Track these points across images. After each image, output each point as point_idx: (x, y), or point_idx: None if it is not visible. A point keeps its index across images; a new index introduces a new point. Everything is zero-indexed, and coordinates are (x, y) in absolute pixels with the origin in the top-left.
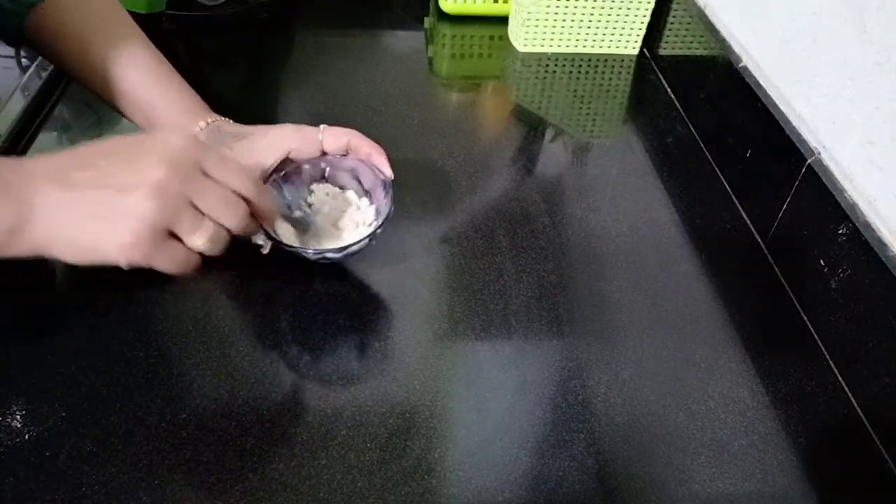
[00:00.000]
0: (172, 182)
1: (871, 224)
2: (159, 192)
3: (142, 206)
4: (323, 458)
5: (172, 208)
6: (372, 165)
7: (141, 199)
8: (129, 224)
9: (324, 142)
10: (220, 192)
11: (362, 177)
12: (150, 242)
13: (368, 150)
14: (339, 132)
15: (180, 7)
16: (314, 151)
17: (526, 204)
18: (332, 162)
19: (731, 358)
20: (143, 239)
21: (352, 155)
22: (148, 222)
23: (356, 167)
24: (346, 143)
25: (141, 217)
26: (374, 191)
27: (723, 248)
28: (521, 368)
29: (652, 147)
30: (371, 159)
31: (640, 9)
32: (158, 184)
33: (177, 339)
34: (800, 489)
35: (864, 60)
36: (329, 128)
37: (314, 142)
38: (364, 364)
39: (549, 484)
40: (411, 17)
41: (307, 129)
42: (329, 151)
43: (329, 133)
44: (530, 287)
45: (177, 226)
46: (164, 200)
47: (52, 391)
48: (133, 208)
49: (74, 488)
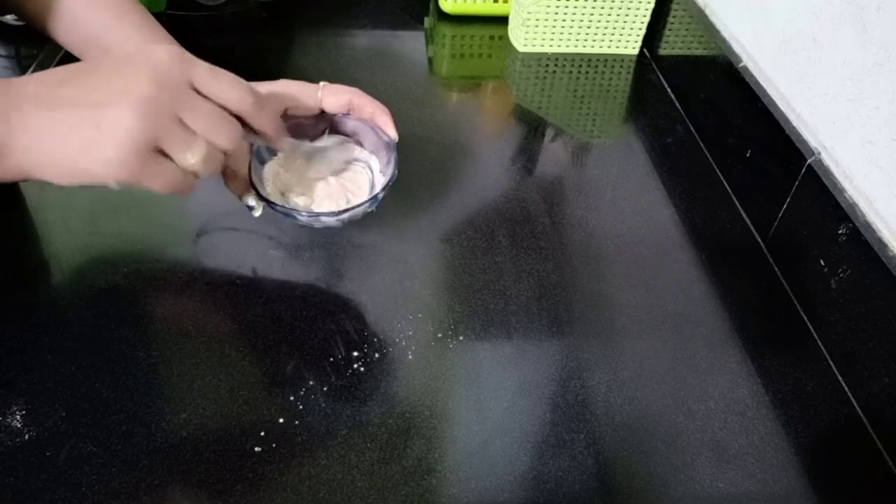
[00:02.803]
0: (158, 96)
1: (871, 224)
2: (143, 106)
3: (125, 120)
4: (323, 458)
5: (159, 124)
6: (375, 127)
7: (124, 114)
8: (113, 140)
9: (323, 100)
10: (211, 108)
11: (364, 139)
12: (137, 160)
13: (372, 109)
14: (341, 90)
15: (180, 7)
16: (313, 109)
17: (526, 204)
18: (333, 121)
19: (731, 358)
20: (128, 156)
21: (354, 115)
22: (133, 137)
23: (358, 128)
24: (348, 102)
25: (125, 132)
26: (378, 154)
27: (723, 248)
28: (521, 368)
29: (652, 147)
30: (374, 120)
31: (640, 9)
32: (142, 98)
33: (177, 339)
34: (800, 489)
35: (864, 60)
36: (329, 85)
37: (313, 99)
38: (364, 364)
39: (549, 484)
40: (411, 17)
41: (307, 86)
42: (329, 110)
43: (329, 90)
44: (530, 287)
45: (165, 143)
46: (149, 115)
47: (52, 391)
48: (116, 123)
49: (74, 488)
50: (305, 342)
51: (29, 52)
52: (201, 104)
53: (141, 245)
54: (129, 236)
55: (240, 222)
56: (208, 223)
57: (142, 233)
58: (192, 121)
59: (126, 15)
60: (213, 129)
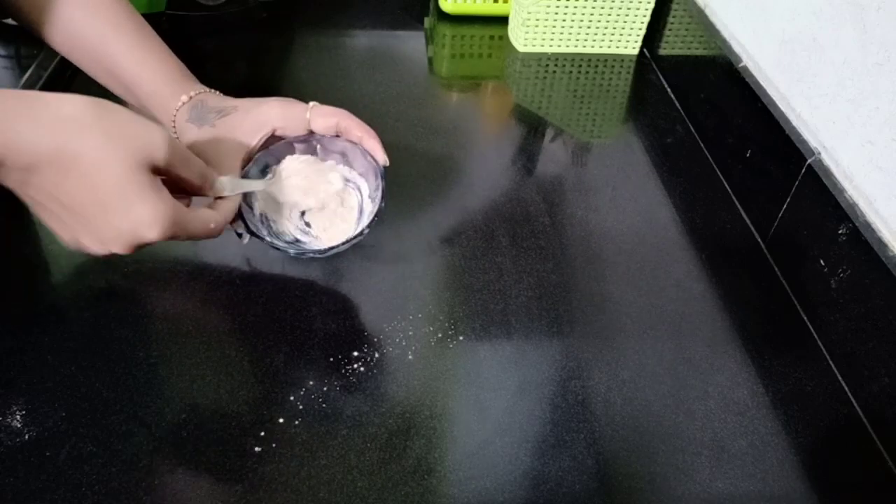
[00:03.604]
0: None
1: (871, 224)
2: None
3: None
4: (323, 458)
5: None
6: (364, 150)
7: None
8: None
9: (311, 122)
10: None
11: (354, 161)
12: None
13: (360, 133)
14: (328, 112)
15: (180, 7)
16: (301, 130)
17: (526, 204)
18: (324, 142)
19: (731, 358)
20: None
21: (343, 137)
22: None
23: (347, 149)
24: (336, 125)
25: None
26: (367, 178)
27: (723, 248)
28: (521, 368)
29: (652, 147)
30: (363, 144)
31: (640, 9)
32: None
33: (177, 339)
34: (800, 489)
35: (864, 60)
36: (318, 106)
37: (301, 121)
38: (364, 364)
39: (549, 484)
40: (411, 17)
41: (295, 105)
42: (317, 131)
43: (317, 112)
44: (530, 287)
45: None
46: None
47: (52, 391)
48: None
49: (74, 488)
50: (305, 342)
51: (29, 52)
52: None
53: None
54: None
55: None
56: None
57: None
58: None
59: (123, 27)
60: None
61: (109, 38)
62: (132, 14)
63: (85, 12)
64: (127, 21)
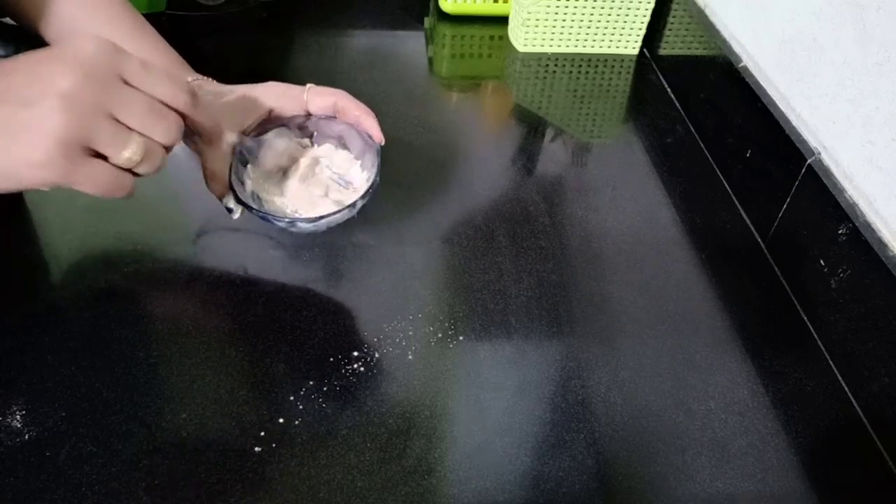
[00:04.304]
0: (84, 91)
1: (871, 224)
2: (68, 102)
3: (48, 118)
4: (323, 458)
5: (86, 121)
6: (361, 130)
7: (46, 112)
8: (37, 140)
9: (308, 102)
10: (145, 101)
11: (350, 142)
12: (65, 160)
13: (357, 112)
14: (326, 92)
15: (180, 7)
16: (298, 111)
17: (526, 204)
18: (320, 124)
19: (731, 358)
20: (54, 156)
21: (340, 118)
22: (57, 136)
23: (344, 131)
24: (333, 105)
25: (49, 131)
26: (364, 158)
27: (723, 248)
28: (521, 368)
29: (652, 147)
30: (360, 123)
31: (640, 9)
32: (66, 93)
33: (177, 339)
34: (800, 489)
35: (864, 60)
36: (315, 87)
37: (298, 101)
38: (364, 364)
39: (549, 484)
40: (411, 17)
41: (292, 87)
42: (314, 112)
43: (314, 93)
44: (530, 287)
45: (96, 141)
46: (74, 112)
47: (52, 391)
48: (39, 122)
49: (74, 488)
50: (305, 342)
51: (28, 51)
52: (134, 97)
53: (141, 245)
54: (128, 236)
55: (240, 222)
56: (208, 223)
57: (142, 233)
58: (126, 116)
59: (119, 21)
60: (148, 123)
61: (105, 32)
62: (128, 9)
63: (82, 10)
64: (123, 15)
